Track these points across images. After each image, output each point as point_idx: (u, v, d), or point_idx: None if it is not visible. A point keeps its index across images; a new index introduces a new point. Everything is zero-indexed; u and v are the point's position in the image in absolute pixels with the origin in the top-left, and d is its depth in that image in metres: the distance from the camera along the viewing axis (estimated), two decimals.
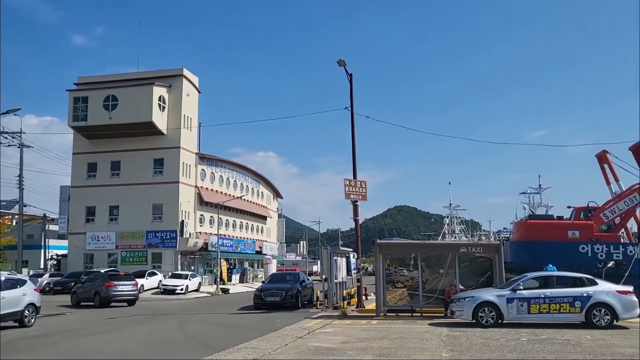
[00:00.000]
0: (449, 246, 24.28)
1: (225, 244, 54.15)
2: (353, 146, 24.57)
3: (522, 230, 25.88)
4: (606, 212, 24.97)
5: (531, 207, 55.44)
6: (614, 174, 27.87)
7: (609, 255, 22.73)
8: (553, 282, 15.94)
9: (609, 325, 15.06)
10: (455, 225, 75.81)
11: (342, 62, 23.73)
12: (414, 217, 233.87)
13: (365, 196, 23.43)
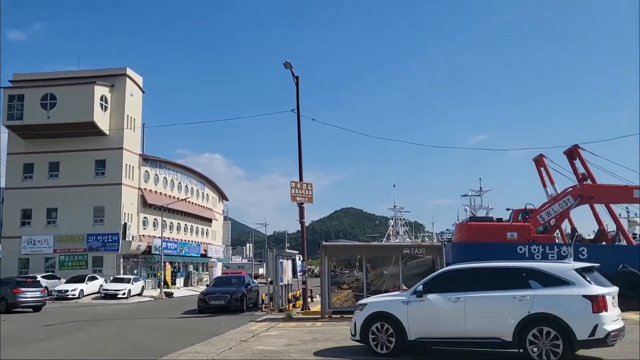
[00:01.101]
0: (393, 247, 24.65)
1: (170, 247, 53.20)
2: (299, 148, 24.64)
3: (463, 232, 26.55)
4: (542, 214, 25.90)
5: (472, 209, 56.91)
6: (550, 177, 28.97)
7: (544, 256, 23.57)
8: None
9: None
10: (400, 227, 77.06)
11: (289, 64, 23.75)
12: (360, 219, 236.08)
13: (311, 198, 23.50)
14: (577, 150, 27.86)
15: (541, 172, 29.32)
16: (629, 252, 24.38)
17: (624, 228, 29.07)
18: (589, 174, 27.39)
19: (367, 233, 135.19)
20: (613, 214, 27.99)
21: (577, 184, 27.02)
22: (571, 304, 9.29)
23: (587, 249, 24.12)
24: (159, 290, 42.06)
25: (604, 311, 9.18)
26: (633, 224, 44.43)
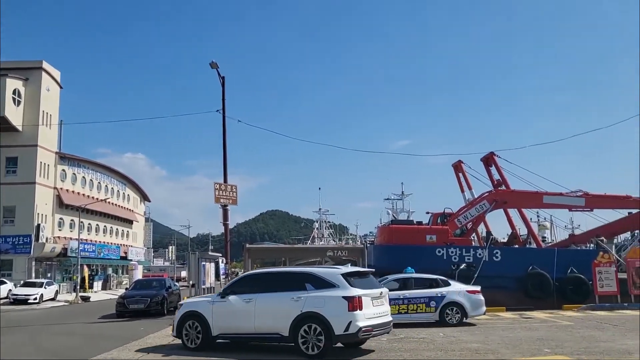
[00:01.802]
0: (316, 250, 24.96)
1: (87, 249, 51.10)
2: (224, 150, 24.39)
3: (385, 235, 27.19)
4: (460, 218, 26.96)
5: (394, 213, 58.46)
6: (467, 183, 30.22)
7: (461, 258, 24.56)
8: (411, 284, 16.96)
9: (459, 322, 16.29)
10: (325, 230, 77.76)
11: (215, 64, 23.49)
12: (285, 222, 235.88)
13: (235, 200, 23.32)
14: (493, 157, 29.22)
15: (459, 177, 30.51)
16: (538, 255, 25.81)
17: (534, 232, 30.73)
18: (503, 180, 28.79)
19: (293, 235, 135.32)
20: (525, 218, 29.56)
21: (492, 190, 28.31)
22: (332, 304, 10.65)
23: (501, 251, 25.33)
24: (74, 294, 40.27)
25: (358, 310, 10.54)
26: (543, 227, 47.04)
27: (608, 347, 11.60)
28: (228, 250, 24.34)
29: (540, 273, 24.18)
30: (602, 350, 11.16)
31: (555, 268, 24.30)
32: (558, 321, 17.41)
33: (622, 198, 27.66)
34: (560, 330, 14.81)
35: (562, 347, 11.70)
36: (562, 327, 15.78)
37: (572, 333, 14.20)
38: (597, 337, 13.36)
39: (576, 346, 11.79)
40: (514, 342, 12.62)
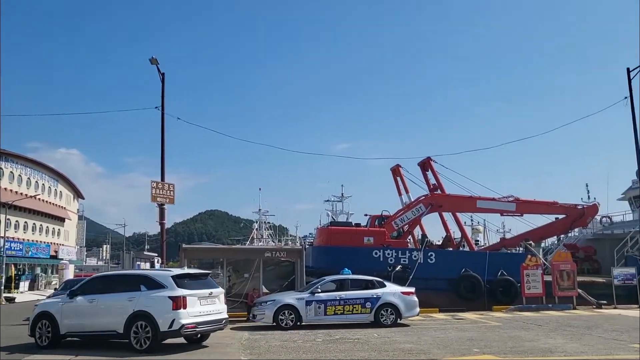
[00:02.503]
0: (255, 251, 24.78)
1: (14, 248, 48.80)
2: (162, 147, 23.85)
3: (324, 236, 27.37)
4: (397, 221, 27.47)
5: (333, 214, 58.91)
6: (405, 186, 30.85)
7: (397, 260, 25.04)
8: (348, 285, 17.12)
9: (394, 323, 16.57)
10: (264, 230, 77.41)
11: (154, 60, 22.97)
12: (225, 222, 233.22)
13: (172, 199, 22.87)
14: (430, 162, 29.94)
15: (397, 181, 31.10)
16: (471, 258, 26.65)
17: (467, 235, 31.66)
18: (439, 185, 29.54)
19: (232, 236, 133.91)
20: (459, 222, 30.43)
21: (428, 194, 29.00)
22: (159, 303, 11.66)
23: (435, 254, 25.98)
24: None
25: (182, 308, 11.58)
26: (476, 231, 48.52)
27: (532, 347, 12.11)
28: (164, 250, 23.80)
29: (472, 275, 24.96)
30: (526, 350, 11.64)
31: (487, 270, 25.15)
32: (488, 322, 18.01)
33: (549, 204, 28.95)
34: (489, 331, 15.33)
35: (490, 346, 12.12)
36: (491, 327, 16.34)
37: (500, 333, 14.73)
38: (523, 336, 13.91)
39: (503, 346, 12.25)
40: (445, 342, 12.97)
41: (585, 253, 31.67)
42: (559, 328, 15.79)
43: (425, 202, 27.72)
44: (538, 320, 18.11)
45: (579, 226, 30.88)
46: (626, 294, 24.16)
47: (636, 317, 19.09)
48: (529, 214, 29.17)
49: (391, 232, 27.26)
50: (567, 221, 28.88)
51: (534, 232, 29.15)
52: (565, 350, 11.56)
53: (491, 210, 29.22)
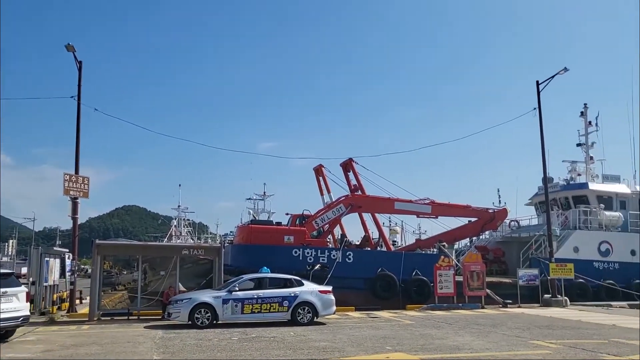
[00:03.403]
0: (172, 248, 24.24)
1: None
2: (77, 139, 22.87)
3: (244, 234, 27.19)
4: (317, 220, 27.72)
5: (255, 213, 58.66)
6: (327, 186, 31.14)
7: (316, 259, 25.27)
8: (266, 284, 17.14)
9: (310, 322, 16.76)
10: (183, 227, 75.86)
11: (71, 47, 21.94)
12: (142, 218, 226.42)
13: (87, 193, 21.98)
14: (351, 163, 30.42)
15: (320, 181, 31.35)
16: (387, 258, 27.31)
17: (385, 236, 32.40)
18: (359, 186, 30.06)
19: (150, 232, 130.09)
20: (377, 222, 31.08)
21: (349, 194, 29.47)
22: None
23: (353, 253, 26.43)
24: None
25: None
26: (394, 232, 49.75)
27: (442, 344, 12.63)
28: (76, 246, 22.79)
29: (388, 275, 25.61)
30: (436, 347, 12.12)
31: (402, 270, 25.87)
32: (401, 320, 18.57)
33: (463, 207, 30.21)
34: (402, 329, 15.82)
35: (402, 344, 12.52)
36: (404, 325, 16.86)
37: (412, 331, 15.23)
38: (434, 334, 14.46)
39: (414, 343, 12.69)
40: (359, 340, 13.27)
41: (494, 255, 33.21)
42: (468, 326, 16.53)
43: (345, 203, 28.14)
44: (449, 319, 18.87)
45: (490, 229, 32.40)
46: (529, 294, 25.65)
47: (537, 315, 20.33)
48: (444, 217, 30.28)
49: (311, 232, 27.47)
50: (479, 224, 30.24)
51: (448, 234, 30.28)
52: (472, 347, 12.13)
53: (408, 212, 30.08)
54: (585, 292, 27.47)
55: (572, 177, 34.52)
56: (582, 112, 34.81)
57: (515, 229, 34.56)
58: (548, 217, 27.01)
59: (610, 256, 30.06)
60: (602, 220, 30.95)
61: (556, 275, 25.10)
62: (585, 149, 34.66)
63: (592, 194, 31.92)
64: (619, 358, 10.73)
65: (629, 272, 29.42)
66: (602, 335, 14.49)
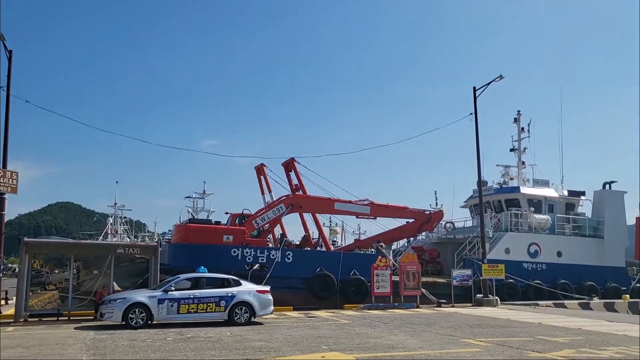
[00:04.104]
0: (106, 246, 23.60)
1: None
2: (6, 131, 21.80)
3: (182, 233, 26.74)
4: (257, 220, 27.59)
5: (194, 211, 57.85)
6: (268, 186, 31.10)
7: (255, 259, 25.17)
8: (203, 283, 16.96)
9: (247, 322, 16.71)
10: (119, 225, 73.88)
11: (1, 36, 21.01)
12: (77, 215, 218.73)
13: (15, 188, 21.03)
14: (293, 163, 30.50)
15: (261, 180, 31.27)
16: (326, 258, 27.50)
17: (325, 236, 32.65)
18: (301, 186, 30.17)
19: (85, 230, 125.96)
20: (317, 222, 31.28)
21: (290, 194, 29.51)
22: None
23: (292, 253, 26.48)
24: None
25: None
26: (334, 232, 50.29)
27: (376, 343, 12.86)
28: (2, 244, 21.81)
29: (326, 274, 25.81)
30: (371, 346, 12.33)
31: (340, 270, 26.13)
32: (339, 320, 18.77)
33: (400, 209, 30.83)
34: (339, 328, 15.99)
35: (338, 344, 12.67)
36: (341, 325, 17.05)
37: (348, 331, 15.43)
38: (369, 334, 14.70)
39: (350, 343, 12.86)
40: (296, 340, 13.33)
41: (430, 255, 34.06)
42: (403, 325, 16.90)
43: (286, 202, 28.16)
44: (384, 318, 19.22)
45: (426, 230, 33.22)
46: (463, 294, 26.45)
47: (470, 314, 21.00)
48: (382, 217, 30.82)
49: (251, 231, 27.33)
50: (416, 225, 30.95)
51: (386, 234, 30.84)
52: (405, 346, 12.41)
53: (348, 213, 30.43)
54: (515, 291, 28.58)
55: (505, 181, 35.93)
56: (516, 118, 36.28)
57: (451, 231, 35.56)
58: (481, 219, 27.91)
59: (539, 257, 31.39)
60: (531, 222, 32.29)
61: (488, 275, 25.97)
62: (518, 154, 36.12)
63: (523, 197, 33.26)
64: (542, 355, 11.23)
65: (555, 273, 30.81)
66: (529, 333, 15.13)
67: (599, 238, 33.66)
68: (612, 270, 32.71)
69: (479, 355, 11.12)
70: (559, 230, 33.33)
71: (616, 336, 14.61)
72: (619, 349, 12.05)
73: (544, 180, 35.25)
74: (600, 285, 31.01)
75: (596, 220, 34.33)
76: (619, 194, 35.09)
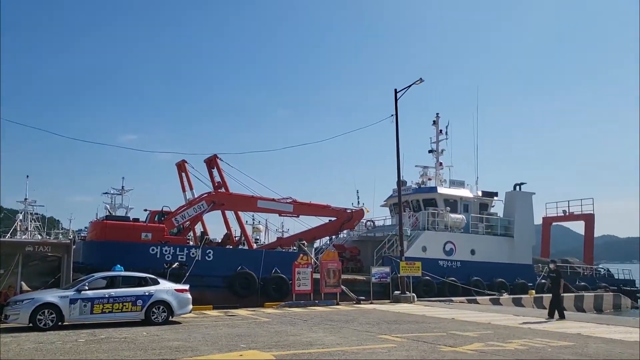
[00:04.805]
0: (13, 244, 22.31)
1: None
2: None
3: (98, 230, 25.74)
4: (177, 217, 26.97)
5: (111, 208, 55.89)
6: (189, 183, 30.48)
7: (175, 257, 24.60)
8: (119, 282, 16.45)
9: (165, 321, 16.36)
10: (30, 222, 70.05)
11: None
12: None
13: None
14: (216, 159, 30.12)
15: (182, 177, 30.63)
16: (247, 256, 27.36)
17: (247, 234, 32.46)
18: (223, 183, 29.85)
19: None
20: (240, 220, 31.05)
21: (212, 191, 29.11)
22: None
23: (213, 251, 26.15)
24: None
25: None
26: (257, 230, 50.02)
27: (295, 340, 12.95)
28: None
29: (247, 273, 25.69)
30: (290, 344, 12.41)
31: (262, 268, 26.08)
32: (259, 318, 18.73)
33: (323, 207, 31.13)
34: (259, 327, 15.97)
35: (257, 342, 12.66)
36: (260, 323, 17.04)
37: (268, 328, 15.44)
38: (289, 331, 14.78)
39: (269, 340, 12.88)
40: (214, 339, 13.20)
41: (351, 253, 34.62)
42: (322, 322, 17.10)
43: (207, 200, 27.73)
44: (304, 316, 19.37)
45: (347, 228, 33.71)
46: (381, 290, 27.07)
47: (387, 310, 21.55)
48: (305, 215, 31.01)
49: (171, 229, 26.72)
50: (337, 223, 31.35)
51: (308, 232, 31.05)
52: (323, 342, 12.58)
53: (271, 211, 30.35)
54: (431, 288, 29.58)
55: (423, 181, 37.12)
56: (435, 121, 37.57)
57: (371, 229, 36.32)
58: (400, 218, 28.67)
59: (454, 255, 32.67)
60: (447, 222, 33.55)
61: (406, 272, 26.71)
62: (436, 156, 37.43)
63: (440, 197, 34.49)
64: (454, 349, 11.72)
65: (468, 270, 32.17)
66: (442, 328, 15.73)
67: (509, 237, 35.48)
68: (520, 267, 34.60)
69: (394, 351, 11.45)
70: (473, 229, 34.84)
71: (521, 329, 15.51)
72: (523, 342, 12.79)
73: (459, 181, 36.72)
74: (510, 282, 32.67)
75: (507, 220, 36.18)
76: (528, 195, 37.15)
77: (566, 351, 11.48)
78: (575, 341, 12.99)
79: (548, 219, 44.32)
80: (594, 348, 11.90)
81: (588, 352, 11.42)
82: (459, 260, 32.59)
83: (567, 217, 43.58)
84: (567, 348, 11.91)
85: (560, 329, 15.41)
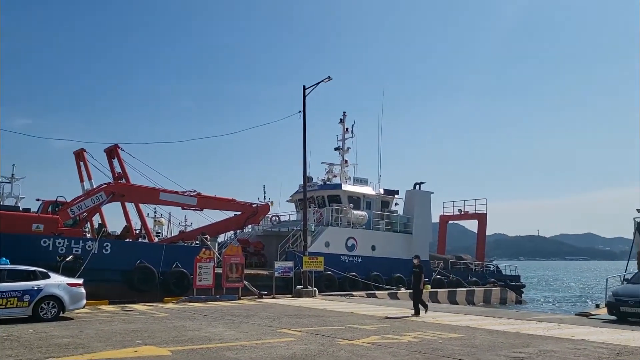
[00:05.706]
0: None
1: None
2: None
3: None
4: (73, 208, 25.69)
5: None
6: (88, 172, 29.08)
7: (69, 250, 23.42)
8: (4, 276, 15.40)
9: (55, 317, 15.56)
10: None
11: None
12: None
13: None
14: (117, 149, 29.00)
15: (80, 166, 29.20)
16: (147, 250, 26.59)
17: (148, 227, 31.51)
18: (124, 174, 28.81)
19: None
20: (140, 212, 30.09)
21: (112, 182, 28.01)
22: None
23: (111, 244, 25.17)
24: None
25: None
26: (159, 223, 48.59)
27: (194, 335, 12.78)
28: None
29: (146, 267, 24.98)
30: (188, 339, 12.22)
31: (162, 262, 25.44)
32: (157, 313, 18.28)
33: (228, 201, 30.85)
34: (157, 322, 15.60)
35: (154, 337, 12.37)
36: (158, 318, 16.64)
37: (166, 324, 15.12)
38: (187, 326, 14.56)
39: (166, 336, 12.63)
40: (108, 335, 12.74)
41: (255, 248, 34.55)
42: (222, 317, 16.99)
43: (106, 191, 26.64)
44: (205, 311, 19.14)
45: (252, 223, 33.64)
46: (284, 285, 27.29)
47: (289, 305, 21.74)
48: (209, 209, 30.58)
49: (66, 220, 25.42)
50: (242, 218, 31.20)
51: (212, 226, 30.65)
52: (222, 337, 12.51)
53: (173, 203, 29.67)
54: (333, 283, 30.18)
55: (328, 177, 37.71)
56: (341, 119, 38.29)
57: (276, 224, 36.45)
58: (305, 213, 28.99)
59: (355, 251, 33.52)
60: (350, 218, 34.36)
61: (308, 267, 27.08)
62: (342, 153, 38.18)
63: (344, 194, 35.24)
64: (351, 342, 12.05)
65: (369, 265, 33.13)
66: (341, 321, 16.11)
67: (408, 234, 36.89)
68: None
69: (293, 345, 11.60)
70: (374, 225, 35.89)
71: (416, 322, 16.24)
72: (417, 334, 13.39)
73: (363, 178, 37.69)
74: (407, 277, 33.98)
75: (406, 217, 37.60)
76: (426, 194, 38.78)
77: (455, 342, 12.15)
78: (464, 333, 13.78)
79: (445, 217, 46.43)
80: (480, 339, 12.68)
81: (475, 342, 12.15)
82: (360, 256, 33.47)
83: (462, 215, 45.82)
84: (456, 339, 12.61)
85: (452, 322, 16.28)
